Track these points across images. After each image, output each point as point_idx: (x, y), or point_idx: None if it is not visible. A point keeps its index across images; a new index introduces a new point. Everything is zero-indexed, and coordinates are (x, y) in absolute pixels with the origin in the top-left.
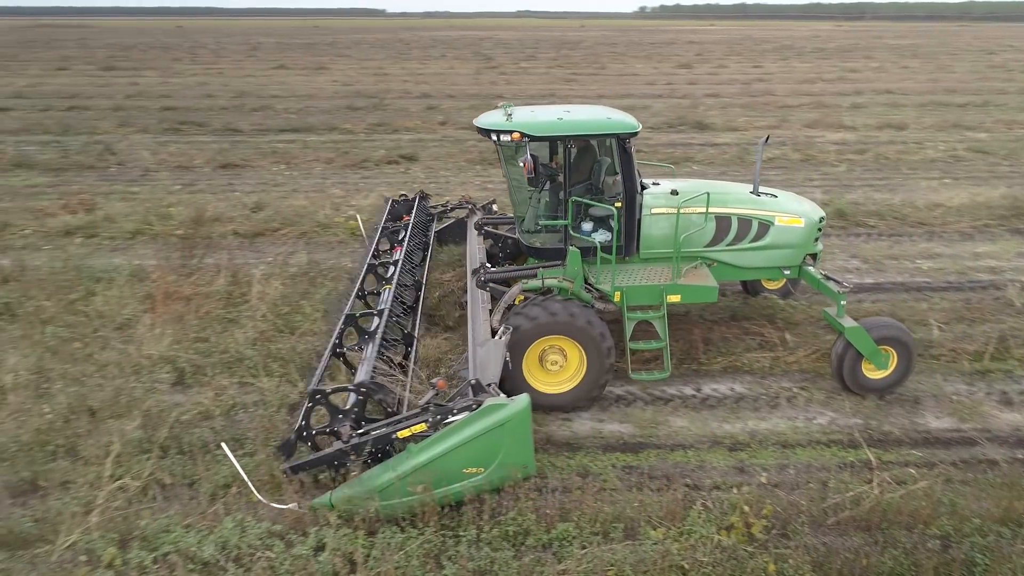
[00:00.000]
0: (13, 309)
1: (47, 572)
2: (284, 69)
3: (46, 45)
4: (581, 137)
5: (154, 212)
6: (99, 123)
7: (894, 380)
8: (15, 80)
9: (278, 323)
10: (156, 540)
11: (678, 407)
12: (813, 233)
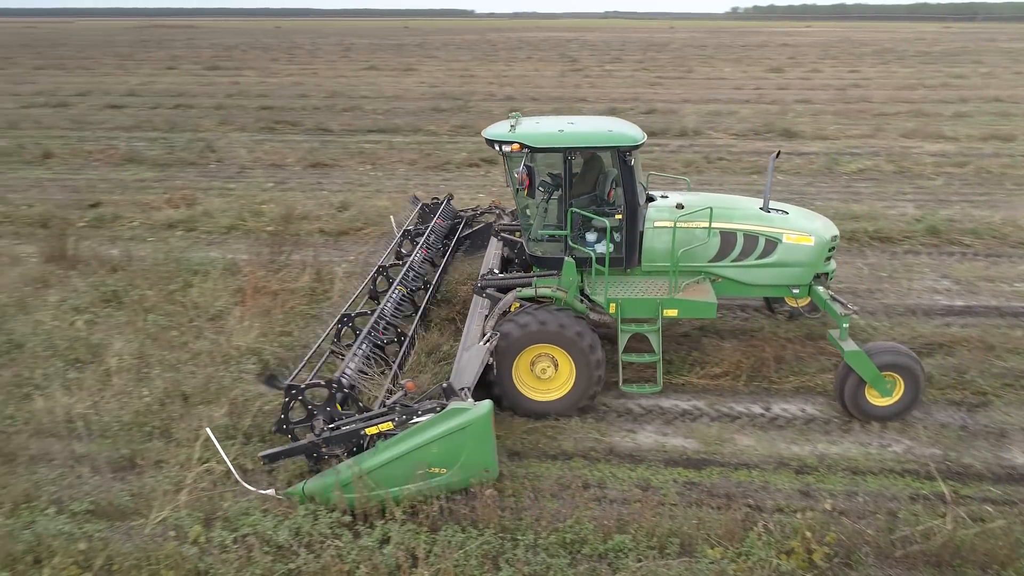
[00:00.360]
0: (120, 297)
1: (140, 543)
2: (374, 70)
3: (158, 45)
4: (580, 149)
5: (248, 209)
6: (202, 121)
7: (899, 409)
8: (129, 79)
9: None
10: (237, 521)
11: (745, 425)
12: (823, 252)
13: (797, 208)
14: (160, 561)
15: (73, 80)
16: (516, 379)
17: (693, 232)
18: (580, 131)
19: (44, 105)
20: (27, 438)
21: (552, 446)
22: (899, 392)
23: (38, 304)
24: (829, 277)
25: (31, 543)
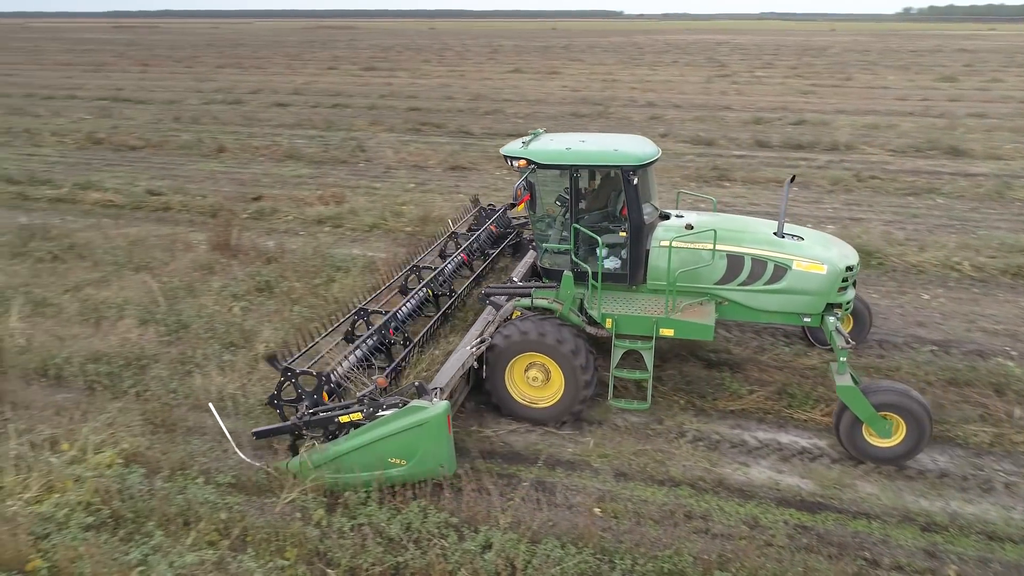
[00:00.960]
0: (272, 287)
1: (271, 519)
2: (519, 73)
3: (323, 46)
4: (584, 167)
5: (390, 208)
6: (355, 120)
7: (901, 452)
8: (295, 78)
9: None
10: (355, 510)
11: (869, 471)
12: (836, 282)
13: (816, 234)
14: (286, 538)
15: (248, 79)
16: (510, 385)
17: (699, 253)
18: (585, 149)
19: (222, 102)
20: (186, 411)
21: (659, 471)
22: (900, 434)
23: (203, 289)
24: (844, 308)
25: (182, 507)
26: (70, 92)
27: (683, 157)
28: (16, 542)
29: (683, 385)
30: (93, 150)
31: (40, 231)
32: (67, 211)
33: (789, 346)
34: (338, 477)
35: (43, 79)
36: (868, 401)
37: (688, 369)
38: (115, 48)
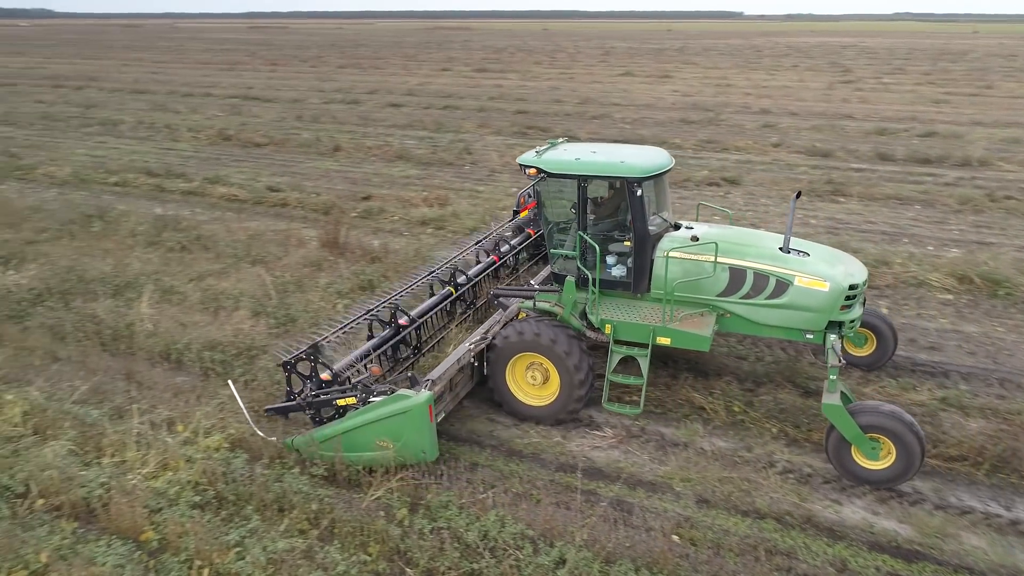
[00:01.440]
0: (374, 286)
1: (357, 514)
2: (630, 76)
3: (439, 47)
4: (591, 178)
5: (491, 212)
6: (464, 123)
7: (891, 476)
8: (410, 79)
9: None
10: (436, 513)
11: (977, 522)
12: (839, 300)
13: (826, 250)
14: (370, 534)
15: (366, 79)
16: (511, 383)
17: (701, 265)
18: (593, 160)
19: (341, 102)
20: None
21: (744, 500)
22: (889, 457)
23: (311, 285)
24: (847, 326)
25: (278, 495)
26: (206, 90)
27: (795, 169)
28: (133, 513)
29: (776, 413)
30: (223, 146)
31: (172, 222)
32: (196, 204)
33: (896, 379)
34: (334, 455)
35: (184, 77)
36: (854, 421)
37: (783, 396)
38: (249, 48)
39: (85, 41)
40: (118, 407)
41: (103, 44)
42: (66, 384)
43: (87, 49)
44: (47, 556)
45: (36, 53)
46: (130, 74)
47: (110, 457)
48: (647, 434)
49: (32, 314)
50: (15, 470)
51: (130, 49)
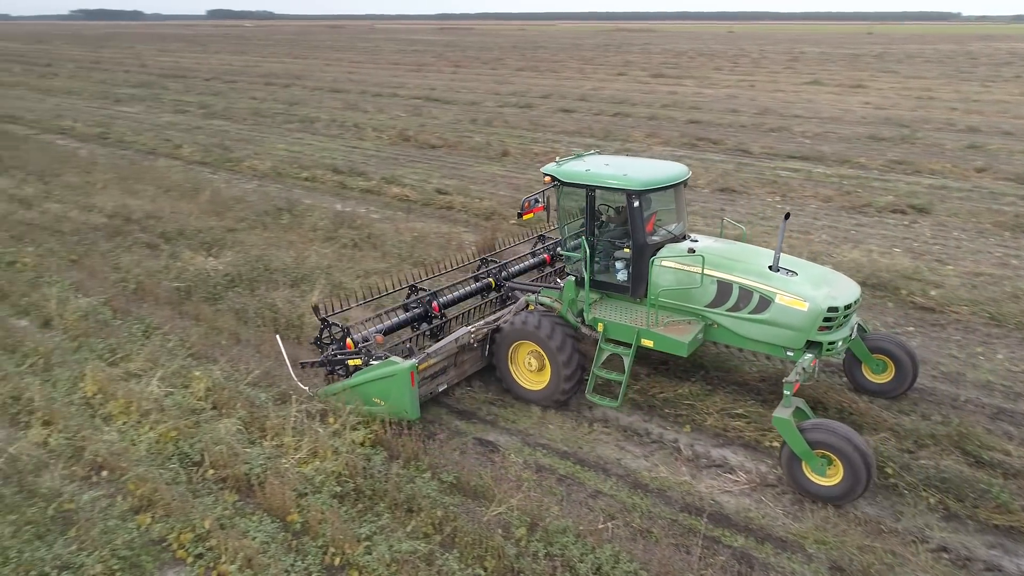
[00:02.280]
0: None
1: (478, 527)
2: (817, 85)
3: (617, 50)
4: (595, 188)
5: None
6: (632, 131)
7: (838, 494)
8: (584, 83)
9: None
10: (553, 537)
11: None
12: (816, 321)
13: (819, 271)
14: (488, 549)
15: (541, 82)
16: (513, 368)
17: (692, 276)
18: (599, 172)
19: (514, 105)
20: (444, 413)
21: (885, 574)
22: (837, 475)
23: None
24: (826, 348)
25: (409, 495)
26: (394, 91)
27: (1001, 198)
28: (284, 495)
29: (937, 481)
30: (402, 146)
31: (349, 219)
32: (372, 202)
33: None
34: (343, 405)
35: (376, 77)
36: (802, 437)
37: (948, 463)
38: (436, 49)
39: (296, 41)
40: (283, 393)
41: (311, 44)
42: (243, 366)
43: (297, 49)
44: (210, 523)
45: (255, 52)
46: (330, 73)
47: (270, 439)
48: (784, 484)
49: (224, 297)
50: (194, 440)
51: (333, 49)
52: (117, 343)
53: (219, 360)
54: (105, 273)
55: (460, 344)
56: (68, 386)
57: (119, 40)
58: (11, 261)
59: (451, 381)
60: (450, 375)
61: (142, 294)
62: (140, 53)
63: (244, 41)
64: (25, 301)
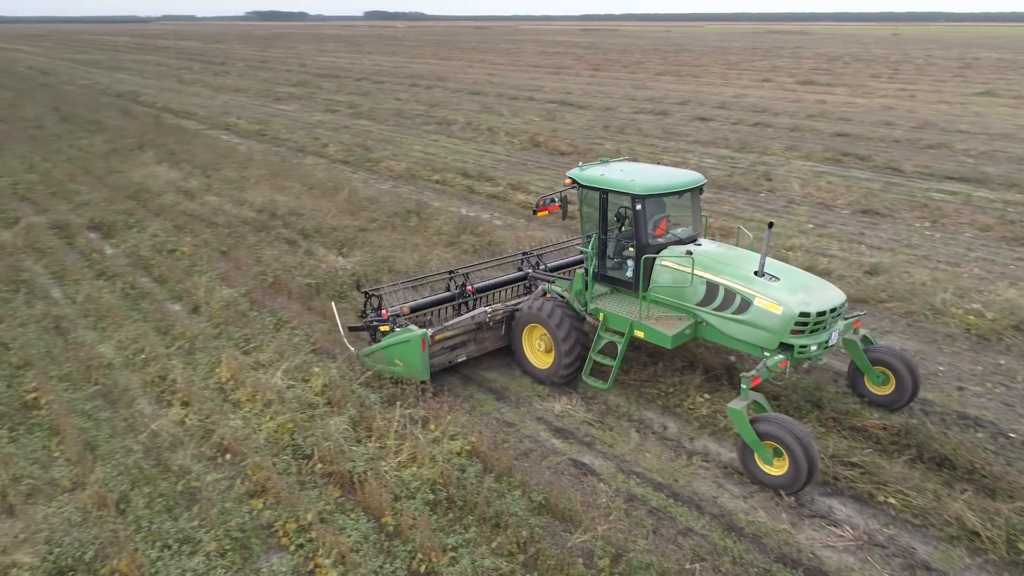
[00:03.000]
0: None
1: (561, 552)
2: (990, 96)
3: (765, 53)
4: (605, 191)
5: (776, 252)
6: (771, 144)
7: (784, 483)
8: (725, 90)
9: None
10: (635, 572)
11: None
12: (788, 324)
13: (803, 278)
14: (568, 575)
15: (680, 88)
16: (526, 346)
17: (685, 275)
18: (610, 177)
19: (650, 112)
20: (543, 430)
21: None
22: (784, 466)
23: None
24: (797, 351)
25: (498, 511)
26: (530, 94)
27: None
28: (381, 497)
29: None
30: (532, 152)
31: (472, 225)
32: (497, 208)
33: None
34: (374, 365)
35: (515, 80)
36: (752, 428)
37: None
38: (577, 52)
39: (443, 42)
40: (391, 396)
41: (456, 46)
42: (358, 366)
43: (443, 50)
44: (312, 516)
45: (404, 53)
46: (471, 75)
47: (375, 441)
48: (895, 546)
49: (349, 296)
50: (307, 434)
51: (477, 51)
52: (251, 333)
53: (337, 358)
54: (248, 266)
55: (477, 322)
56: (206, 371)
57: (285, 40)
58: (172, 249)
59: (471, 354)
60: (470, 348)
61: (277, 288)
62: (301, 53)
63: (395, 42)
64: (180, 287)
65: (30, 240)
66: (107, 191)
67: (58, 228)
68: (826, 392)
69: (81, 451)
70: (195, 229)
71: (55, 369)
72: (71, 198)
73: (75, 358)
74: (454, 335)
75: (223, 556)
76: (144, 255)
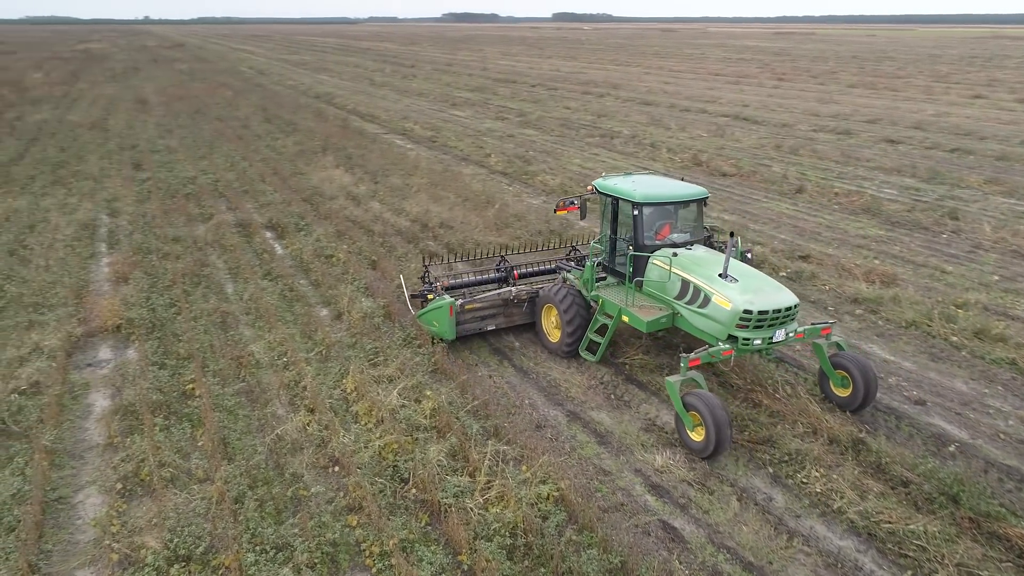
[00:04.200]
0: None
1: None
2: None
3: (985, 62)
4: (614, 198)
5: (944, 308)
6: (967, 175)
7: (701, 448)
8: (926, 107)
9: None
10: None
11: None
12: (734, 319)
13: (760, 282)
14: None
15: (873, 103)
16: (545, 324)
17: (666, 272)
18: (617, 186)
19: (831, 131)
20: (639, 483)
21: None
22: (701, 432)
23: None
24: (741, 342)
25: (569, 569)
26: (703, 106)
27: None
28: (461, 532)
29: None
30: (691, 171)
31: None
32: None
33: None
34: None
35: (691, 90)
36: (680, 399)
37: None
38: (763, 58)
39: (625, 46)
40: (495, 427)
41: (637, 50)
42: (469, 395)
43: (623, 55)
44: (393, 544)
45: (584, 57)
46: (646, 83)
47: (468, 474)
48: None
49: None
50: (408, 457)
51: (658, 56)
52: (381, 347)
53: (451, 383)
54: (392, 277)
55: (503, 299)
56: (335, 379)
57: (473, 42)
58: (330, 255)
59: (499, 325)
60: (499, 320)
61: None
62: (485, 56)
63: (577, 45)
64: (330, 293)
65: (218, 235)
66: (288, 192)
67: (241, 226)
68: (967, 487)
69: (216, 445)
70: (353, 236)
71: (212, 363)
72: (258, 197)
73: (230, 354)
74: (483, 307)
75: (312, 568)
76: (306, 258)
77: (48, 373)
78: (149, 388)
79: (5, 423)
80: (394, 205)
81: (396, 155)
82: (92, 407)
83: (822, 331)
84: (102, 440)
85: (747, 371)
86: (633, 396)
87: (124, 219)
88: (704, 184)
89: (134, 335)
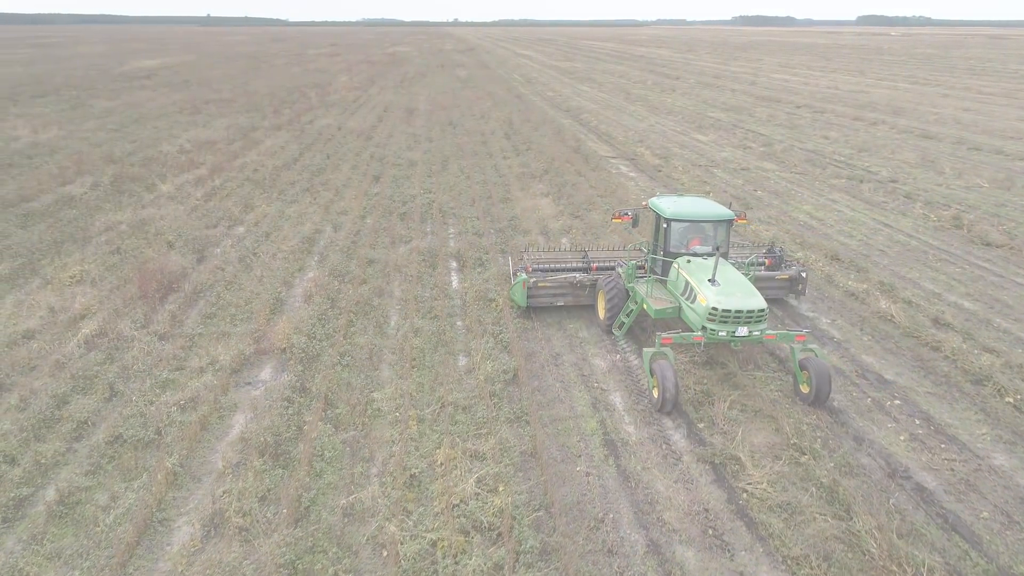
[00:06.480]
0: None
1: None
2: None
3: None
4: (658, 214)
5: None
6: None
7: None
8: None
9: None
10: None
11: None
12: (705, 314)
13: (739, 286)
14: None
15: None
16: (599, 305)
17: (678, 273)
18: (662, 204)
19: None
20: None
21: None
22: (656, 391)
23: None
24: (708, 332)
25: None
26: (1000, 145)
27: None
28: None
29: None
30: (946, 236)
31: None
32: (849, 314)
33: None
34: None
35: (997, 121)
36: (648, 364)
37: None
38: None
39: (932, 57)
40: (555, 545)
41: (946, 64)
42: (550, 496)
43: (925, 69)
44: None
45: (875, 72)
46: (941, 108)
47: None
48: None
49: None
50: (445, 566)
51: (971, 72)
52: (485, 419)
53: (540, 473)
54: (546, 338)
55: (569, 282)
56: (431, 447)
57: (753, 51)
58: (492, 298)
59: (568, 302)
60: (567, 298)
61: (535, 370)
62: (760, 67)
63: (872, 56)
64: (473, 344)
65: (408, 261)
66: (487, 220)
67: (431, 254)
68: None
69: (293, 500)
70: None
71: (335, 405)
72: (460, 223)
73: (355, 399)
74: (552, 287)
75: None
76: (469, 300)
77: (210, 388)
78: (268, 427)
79: (160, 434)
80: (584, 244)
81: (612, 185)
82: (231, 429)
83: (796, 337)
84: (222, 467)
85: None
86: (737, 538)
87: (343, 234)
88: (957, 255)
89: (292, 360)
